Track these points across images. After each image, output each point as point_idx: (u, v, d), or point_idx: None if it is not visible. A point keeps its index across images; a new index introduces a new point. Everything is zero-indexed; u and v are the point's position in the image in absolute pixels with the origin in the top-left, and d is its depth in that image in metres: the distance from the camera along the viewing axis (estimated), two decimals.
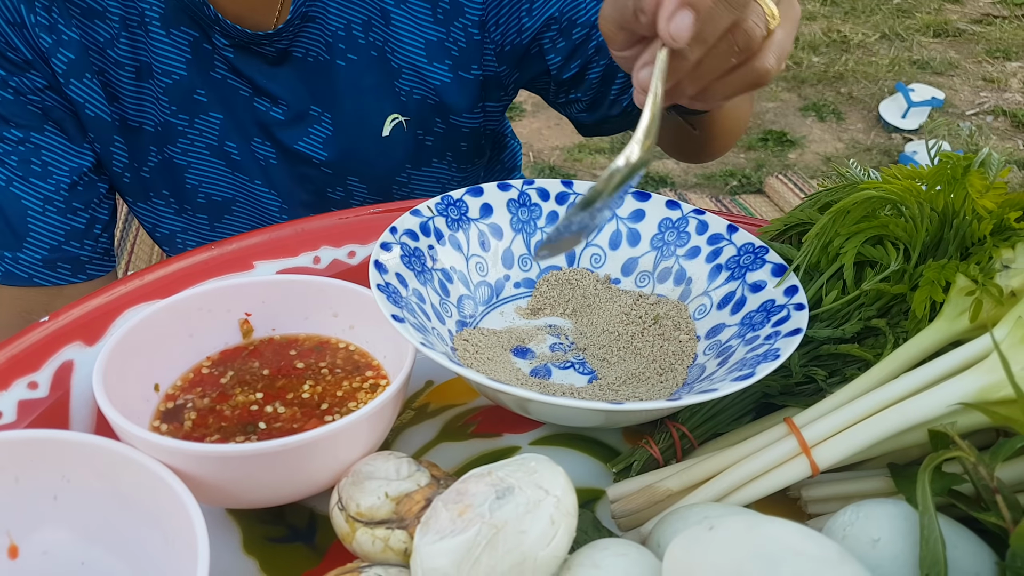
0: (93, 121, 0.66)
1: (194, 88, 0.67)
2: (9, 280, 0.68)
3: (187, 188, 0.72)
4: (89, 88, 0.65)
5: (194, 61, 0.66)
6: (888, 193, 0.46)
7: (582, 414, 0.41)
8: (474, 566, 0.32)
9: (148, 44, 0.64)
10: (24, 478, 0.37)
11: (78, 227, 0.68)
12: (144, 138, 0.69)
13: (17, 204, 0.65)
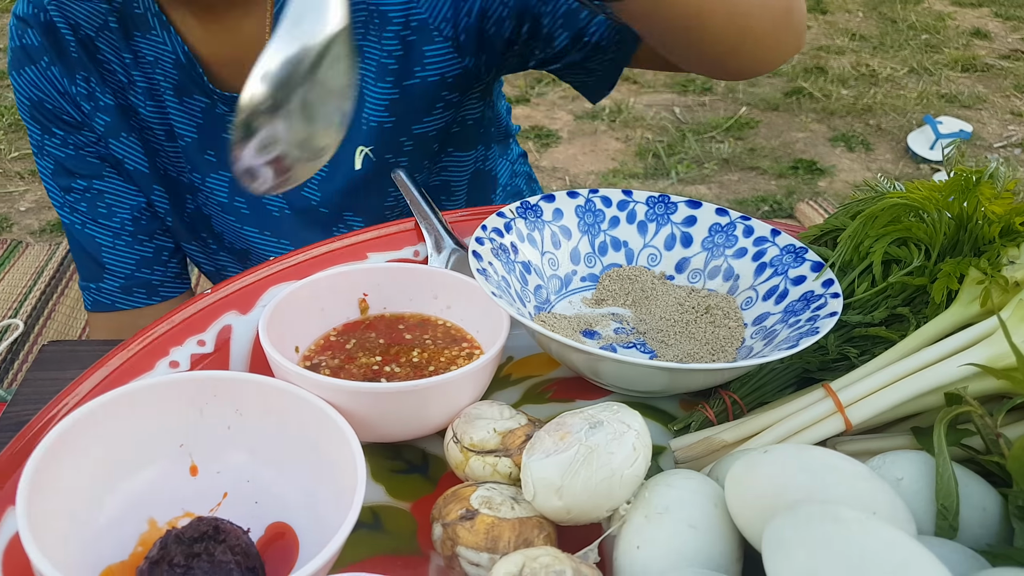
0: (134, 173, 0.77)
1: (204, 149, 0.76)
2: (97, 307, 0.80)
3: (216, 233, 0.82)
4: (127, 145, 0.76)
5: (204, 126, 0.75)
6: (911, 201, 0.55)
7: (648, 373, 0.50)
8: (574, 477, 0.40)
9: (164, 110, 0.75)
10: (206, 410, 0.46)
11: (146, 255, 0.79)
12: (181, 188, 0.79)
13: (93, 242, 0.77)
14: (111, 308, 0.79)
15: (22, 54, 0.73)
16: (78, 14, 0.72)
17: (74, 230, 0.78)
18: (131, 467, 0.44)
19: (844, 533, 0.32)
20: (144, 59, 0.73)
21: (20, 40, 0.73)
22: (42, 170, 0.78)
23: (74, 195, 0.76)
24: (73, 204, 0.77)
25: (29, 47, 0.73)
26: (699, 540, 0.39)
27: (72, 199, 0.76)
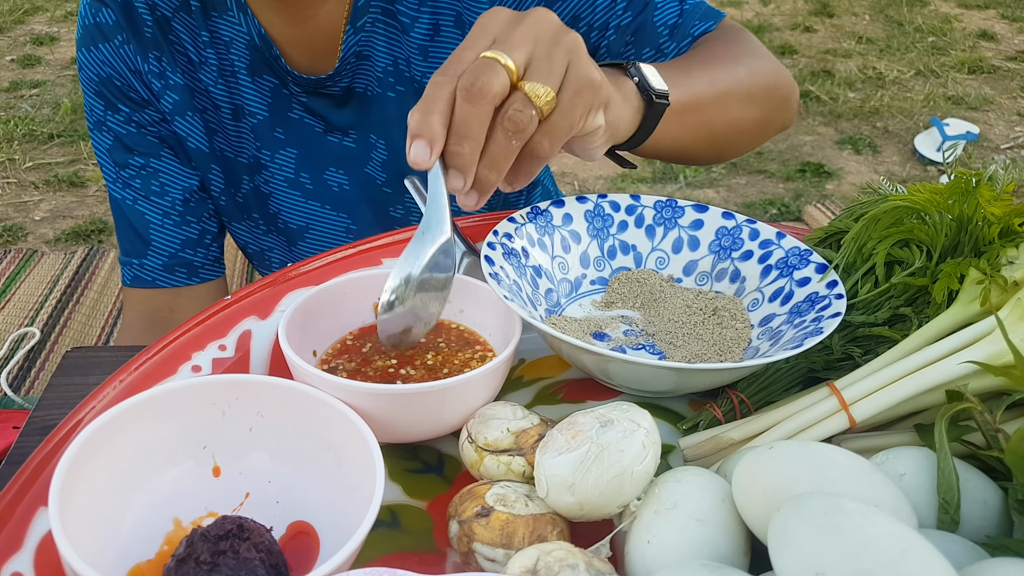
0: (194, 152, 0.80)
1: (274, 127, 0.79)
2: (136, 283, 0.81)
3: (270, 213, 0.85)
4: (191, 124, 0.78)
5: (274, 104, 0.78)
6: (913, 203, 0.56)
7: (657, 374, 0.51)
8: (585, 474, 0.41)
9: (239, 89, 0.78)
10: (229, 413, 0.48)
11: (191, 236, 0.81)
12: (238, 168, 0.82)
13: (142, 219, 0.79)
14: (151, 285, 0.81)
15: (96, 31, 0.75)
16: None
17: (124, 205, 0.79)
18: (156, 469, 0.46)
19: (847, 524, 0.33)
20: (220, 39, 0.76)
21: (94, 18, 0.75)
22: (98, 144, 0.80)
23: (129, 171, 0.78)
24: (127, 180, 0.79)
25: (103, 25, 0.75)
26: (707, 534, 0.40)
27: (127, 175, 0.78)
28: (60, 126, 2.69)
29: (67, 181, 2.36)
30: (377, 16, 0.75)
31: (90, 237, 2.10)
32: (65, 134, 2.64)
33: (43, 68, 3.22)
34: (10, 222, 2.18)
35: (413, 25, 0.75)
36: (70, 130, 2.67)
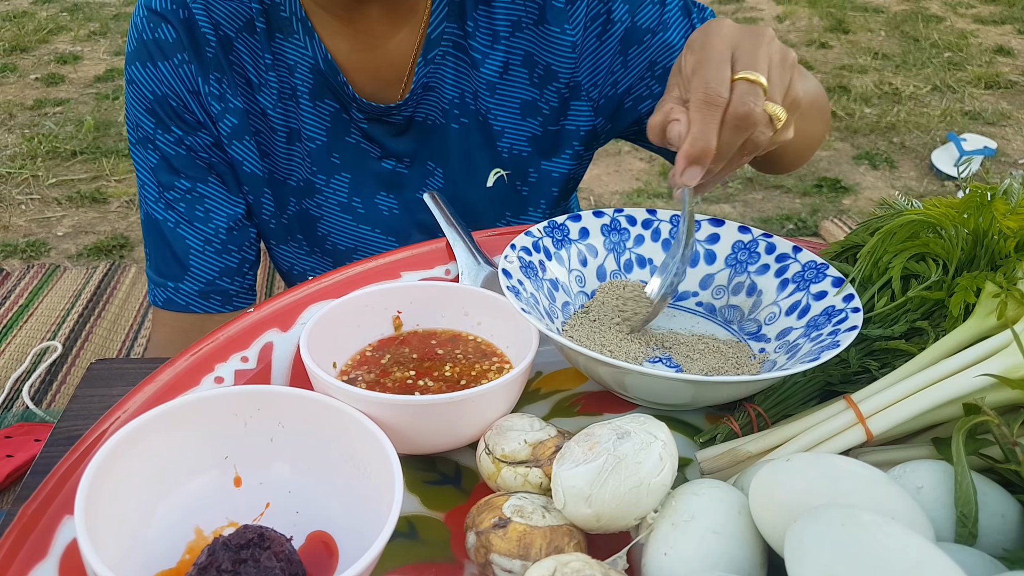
0: (248, 176, 0.79)
1: (331, 152, 0.79)
2: (169, 306, 0.80)
3: (318, 235, 0.84)
4: (247, 148, 0.78)
5: (332, 129, 0.78)
6: (928, 217, 0.56)
7: (674, 386, 0.51)
8: (603, 486, 0.42)
9: (298, 113, 0.77)
10: (251, 423, 0.48)
11: (231, 265, 0.80)
12: (287, 191, 0.81)
13: (182, 243, 0.78)
14: (184, 309, 0.80)
15: (154, 48, 0.74)
16: (221, 13, 0.74)
17: (164, 227, 0.78)
18: (179, 478, 0.47)
19: (863, 535, 0.33)
20: (283, 62, 0.76)
21: (152, 34, 0.74)
22: (141, 161, 0.78)
23: (174, 193, 0.77)
24: (171, 202, 0.77)
25: (162, 42, 0.73)
26: (724, 546, 0.40)
27: (171, 197, 0.77)
28: (83, 143, 2.73)
29: (89, 197, 2.40)
30: (448, 49, 0.77)
31: (112, 252, 2.13)
32: (88, 151, 2.68)
33: (67, 86, 3.28)
34: (33, 237, 2.21)
35: (484, 61, 0.77)
36: (93, 147, 2.71)
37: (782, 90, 0.54)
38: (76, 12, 4.19)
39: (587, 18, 0.76)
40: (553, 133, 0.81)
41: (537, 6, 0.76)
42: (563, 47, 0.77)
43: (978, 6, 4.02)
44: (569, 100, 0.80)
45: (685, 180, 0.53)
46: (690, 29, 0.77)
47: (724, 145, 0.53)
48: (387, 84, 0.77)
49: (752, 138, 0.53)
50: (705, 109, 0.52)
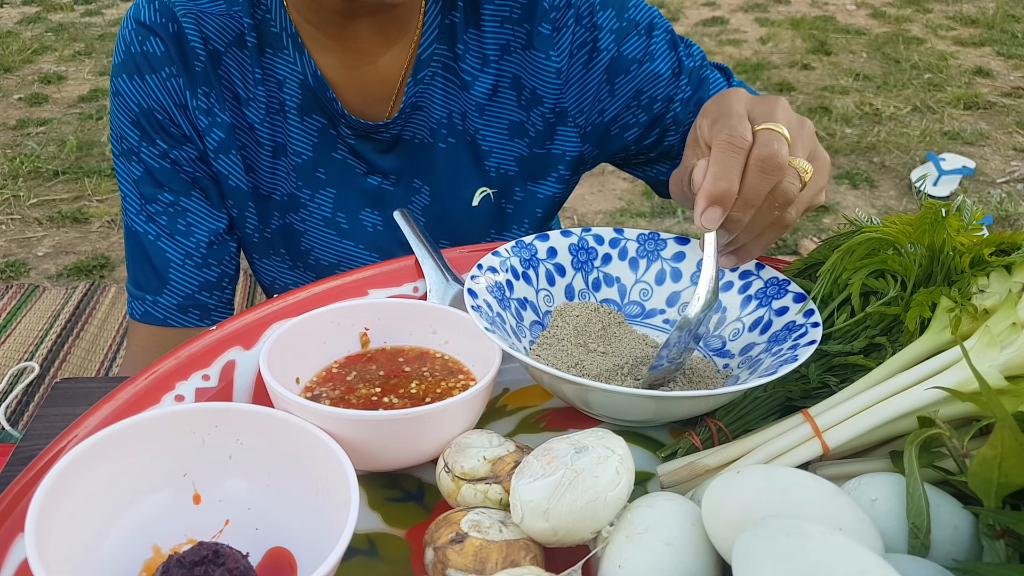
0: (233, 190, 0.79)
1: (317, 167, 0.79)
2: (146, 319, 0.80)
3: (301, 250, 0.84)
4: (233, 162, 0.78)
5: (320, 144, 0.79)
6: (886, 235, 0.57)
7: (635, 402, 0.52)
8: (560, 499, 0.42)
9: (285, 128, 0.78)
10: (208, 440, 0.48)
11: (210, 279, 0.80)
12: (271, 205, 0.81)
13: (162, 256, 0.77)
14: (161, 323, 0.79)
15: (142, 60, 0.73)
16: (211, 28, 0.74)
17: (146, 240, 0.77)
18: (136, 496, 0.46)
19: (807, 545, 0.33)
20: (272, 77, 0.76)
21: (141, 47, 0.73)
22: (124, 172, 0.78)
23: (156, 206, 0.77)
24: (152, 214, 0.77)
25: (150, 55, 0.73)
26: (677, 558, 0.40)
27: (153, 209, 0.77)
28: (65, 163, 2.73)
29: (71, 217, 2.39)
30: (437, 70, 0.78)
31: (92, 272, 2.12)
32: (70, 171, 2.68)
33: (50, 106, 3.28)
34: (13, 258, 2.20)
35: (474, 83, 0.78)
36: (75, 167, 2.71)
37: (805, 149, 0.54)
38: (61, 32, 4.20)
39: (573, 46, 0.77)
40: (540, 156, 0.83)
41: (525, 31, 0.77)
42: (548, 73, 0.78)
43: (958, 28, 4.09)
44: (555, 125, 0.81)
45: (705, 221, 0.52)
46: (676, 61, 0.79)
47: (749, 189, 0.52)
48: (376, 102, 0.78)
49: (781, 187, 0.52)
50: (728, 149, 0.52)
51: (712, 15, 4.31)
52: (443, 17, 0.77)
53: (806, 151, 0.54)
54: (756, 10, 4.40)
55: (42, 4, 4.77)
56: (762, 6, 4.46)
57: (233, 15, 0.74)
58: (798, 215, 0.55)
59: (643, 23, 0.79)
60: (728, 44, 3.85)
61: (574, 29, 0.77)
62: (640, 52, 0.78)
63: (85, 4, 4.77)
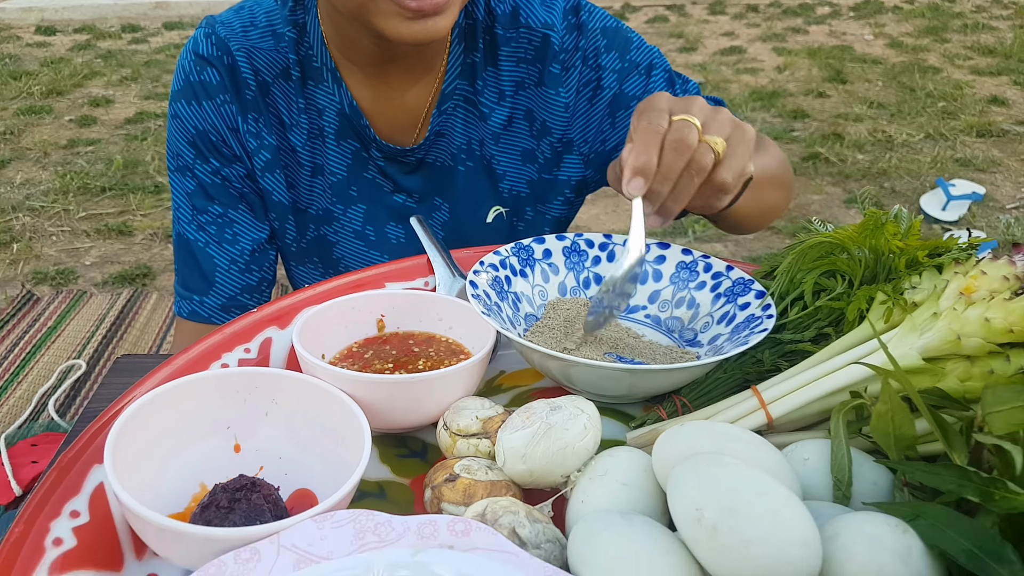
0: (275, 204, 0.89)
1: (350, 185, 0.90)
2: (192, 317, 0.90)
3: (333, 259, 0.94)
4: (276, 180, 0.88)
5: (353, 165, 0.89)
6: (836, 240, 0.65)
7: (612, 375, 0.60)
8: (535, 447, 0.51)
9: (323, 151, 0.88)
10: (249, 399, 0.58)
11: (251, 283, 0.90)
12: (308, 218, 0.92)
13: (210, 261, 0.87)
14: (206, 321, 0.88)
15: (199, 88, 0.83)
16: (261, 61, 0.83)
17: (196, 247, 0.86)
18: (187, 441, 0.56)
19: (722, 474, 0.42)
20: (314, 105, 0.86)
21: (199, 75, 0.83)
22: (178, 186, 0.87)
23: (206, 217, 0.86)
24: (203, 224, 0.86)
25: (207, 83, 0.83)
26: (631, 495, 0.48)
27: (203, 219, 0.86)
28: (112, 180, 2.89)
29: (116, 230, 2.54)
30: (459, 103, 0.88)
31: (135, 280, 2.25)
32: (116, 188, 2.84)
33: (98, 128, 3.46)
34: (63, 266, 2.35)
35: (491, 115, 0.88)
36: (121, 184, 2.86)
37: (720, 131, 0.64)
38: (109, 58, 4.42)
39: (579, 84, 0.88)
40: (548, 181, 0.93)
41: (537, 70, 0.87)
42: (557, 107, 0.88)
43: (975, 58, 4.14)
44: (563, 153, 0.91)
45: (632, 189, 0.63)
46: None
47: (665, 164, 0.62)
48: (404, 129, 0.88)
49: (695, 159, 0.62)
50: (646, 133, 0.63)
51: (731, 44, 4.40)
52: (465, 57, 0.87)
53: (722, 132, 0.64)
54: (774, 40, 4.49)
55: (92, 32, 5.02)
56: (780, 36, 4.55)
57: (280, 51, 0.84)
58: (734, 179, 0.65)
59: (643, 64, 0.88)
60: (745, 72, 3.93)
61: (581, 69, 0.87)
62: (640, 90, 0.88)
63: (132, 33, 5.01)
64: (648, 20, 5.04)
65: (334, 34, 0.83)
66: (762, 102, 3.48)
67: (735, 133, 0.65)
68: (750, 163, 0.67)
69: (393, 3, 0.69)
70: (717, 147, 0.63)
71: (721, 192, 0.66)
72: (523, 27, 0.86)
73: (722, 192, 0.66)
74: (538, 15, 0.86)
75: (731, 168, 0.65)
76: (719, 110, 0.66)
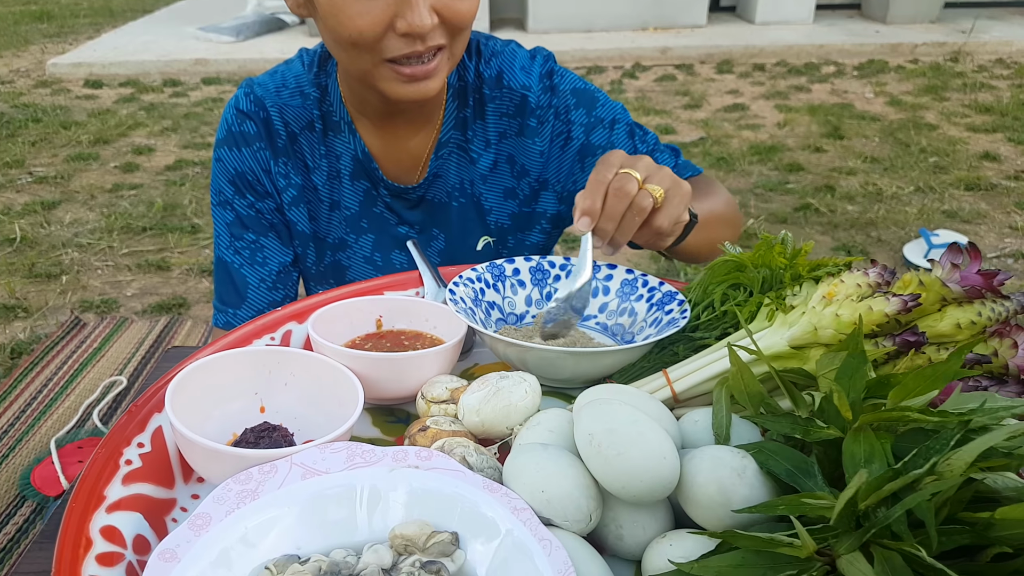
0: (299, 234, 1.08)
1: (361, 218, 1.09)
2: (227, 328, 1.07)
3: (346, 280, 1.12)
4: (301, 214, 1.07)
5: (364, 202, 1.08)
6: (740, 259, 0.82)
7: (558, 357, 0.76)
8: (486, 404, 0.67)
9: (340, 189, 1.07)
10: (273, 372, 0.75)
11: (276, 299, 1.08)
12: (325, 246, 1.11)
13: (243, 280, 1.06)
14: None
15: (240, 137, 1.01)
16: (290, 116, 1.02)
17: (232, 268, 1.04)
18: (225, 401, 0.73)
19: (608, 409, 0.58)
20: (333, 152, 1.05)
21: (240, 127, 1.01)
22: (219, 217, 1.05)
23: (242, 243, 1.04)
24: (239, 248, 1.04)
25: (247, 133, 1.01)
26: (553, 437, 0.65)
27: (239, 245, 1.04)
28: (152, 221, 3.13)
29: (155, 265, 2.76)
30: (453, 149, 1.07)
31: (172, 309, 2.46)
32: (156, 227, 3.07)
33: (141, 173, 3.73)
34: (107, 296, 2.57)
35: (479, 160, 1.08)
36: (160, 224, 3.10)
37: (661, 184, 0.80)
38: (152, 111, 4.73)
39: (552, 135, 1.07)
40: (527, 214, 1.11)
41: (518, 123, 1.06)
42: (534, 154, 1.07)
43: (972, 115, 4.31)
44: (539, 191, 1.10)
45: (578, 227, 0.80)
46: (632, 148, 1.06)
47: (608, 207, 0.79)
48: (407, 171, 1.07)
49: (635, 202, 0.78)
50: (594, 183, 0.80)
51: (734, 102, 4.62)
52: (458, 112, 1.06)
53: (662, 184, 0.80)
54: (777, 97, 4.70)
55: (136, 86, 5.37)
56: (783, 94, 4.76)
57: (306, 107, 1.04)
58: (669, 224, 0.81)
59: (607, 119, 1.07)
60: (746, 128, 4.13)
61: (553, 123, 1.06)
62: (604, 140, 1.07)
63: (173, 87, 5.35)
64: (657, 79, 5.29)
65: (349, 94, 1.03)
66: (760, 156, 3.67)
67: (672, 187, 0.82)
68: (685, 212, 0.83)
69: (392, 71, 0.89)
70: (656, 193, 0.79)
71: (661, 235, 0.82)
72: (505, 88, 1.05)
73: (662, 235, 0.82)
74: (518, 78, 1.05)
75: (668, 216, 0.81)
76: (662, 168, 0.83)
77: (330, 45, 0.92)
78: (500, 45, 1.07)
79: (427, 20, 0.84)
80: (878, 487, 0.48)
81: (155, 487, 0.65)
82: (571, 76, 1.08)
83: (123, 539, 0.59)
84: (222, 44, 6.10)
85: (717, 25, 6.62)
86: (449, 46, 0.90)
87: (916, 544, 0.46)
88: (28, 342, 2.25)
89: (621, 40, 6.12)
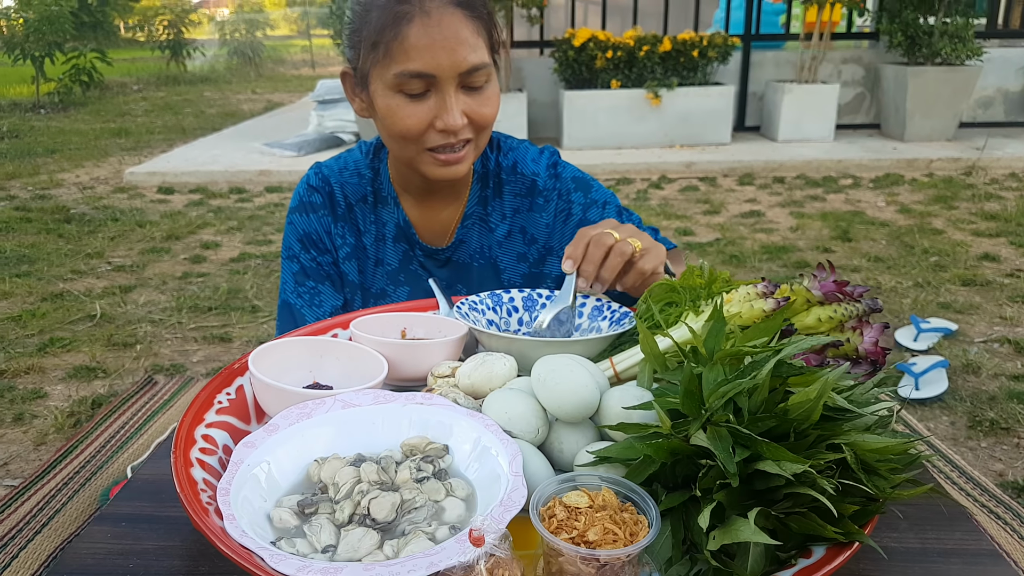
0: (350, 283, 1.39)
1: (400, 273, 1.39)
2: None
3: None
4: (352, 267, 1.38)
5: (403, 260, 1.39)
6: (673, 283, 1.09)
7: (537, 345, 1.03)
8: (475, 372, 0.94)
9: (384, 249, 1.38)
10: (323, 355, 1.04)
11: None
12: (369, 295, 1.41)
13: (303, 320, 1.34)
14: None
15: (308, 205, 1.31)
16: (348, 190, 1.33)
17: (295, 308, 1.30)
18: (284, 373, 1.01)
19: (552, 361, 0.85)
20: (380, 219, 1.35)
21: (309, 197, 1.31)
22: (286, 268, 1.31)
23: (303, 288, 1.31)
24: (300, 293, 1.31)
25: (314, 202, 1.31)
26: (518, 393, 0.91)
27: (301, 290, 1.31)
28: (217, 302, 3.51)
29: (219, 338, 3.10)
30: (476, 220, 1.39)
31: None
32: (220, 308, 3.44)
33: (207, 264, 4.16)
34: (175, 362, 2.90)
35: (496, 229, 1.39)
36: (224, 305, 3.47)
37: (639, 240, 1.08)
38: (219, 213, 5.24)
39: (556, 211, 1.38)
40: (536, 274, 1.40)
41: (528, 202, 1.37)
42: (541, 226, 1.38)
43: (978, 222, 4.54)
44: (546, 256, 1.39)
45: (564, 268, 1.08)
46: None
47: (590, 253, 1.06)
48: (438, 236, 1.38)
49: (616, 248, 1.05)
50: (579, 237, 1.08)
51: (751, 209, 4.94)
52: (481, 191, 1.38)
53: (642, 241, 1.07)
54: (792, 205, 5.01)
55: (204, 192, 5.94)
56: (799, 203, 5.07)
57: (361, 184, 1.37)
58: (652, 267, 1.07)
59: (600, 200, 1.38)
60: (760, 231, 4.43)
61: (557, 202, 1.37)
62: (597, 216, 1.37)
63: (238, 194, 5.90)
64: (680, 189, 5.67)
65: (396, 175, 1.36)
66: (771, 255, 3.94)
67: (650, 245, 1.09)
68: (661, 266, 1.11)
69: (431, 157, 1.21)
70: (634, 244, 1.08)
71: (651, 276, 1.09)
72: (519, 174, 1.37)
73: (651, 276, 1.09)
74: (529, 167, 1.37)
75: (651, 260, 1.09)
76: (642, 232, 1.11)
77: (384, 138, 1.26)
78: (515, 142, 1.40)
79: (459, 121, 1.16)
80: (716, 389, 0.74)
81: (237, 420, 0.93)
82: (571, 167, 1.41)
83: (216, 443, 0.87)
84: (284, 157, 6.73)
85: (741, 143, 7.08)
86: (475, 140, 1.23)
87: (735, 422, 0.71)
88: (107, 395, 2.57)
89: (649, 156, 6.59)
